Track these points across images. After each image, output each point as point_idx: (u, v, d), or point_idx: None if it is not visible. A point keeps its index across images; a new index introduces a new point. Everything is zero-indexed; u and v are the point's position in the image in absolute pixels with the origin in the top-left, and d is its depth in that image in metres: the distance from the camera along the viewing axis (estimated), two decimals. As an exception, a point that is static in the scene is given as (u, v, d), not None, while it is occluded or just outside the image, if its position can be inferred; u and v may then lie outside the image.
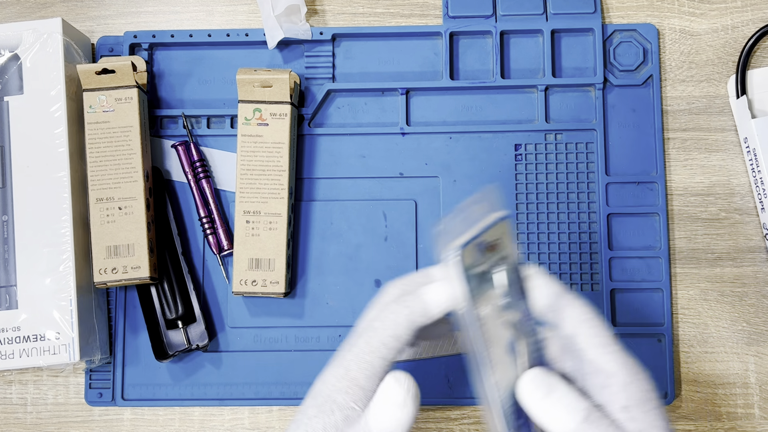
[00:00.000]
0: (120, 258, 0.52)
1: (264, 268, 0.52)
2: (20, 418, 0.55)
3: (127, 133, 0.53)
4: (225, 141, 0.57)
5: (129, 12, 0.59)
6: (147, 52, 0.57)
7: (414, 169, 0.56)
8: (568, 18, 0.57)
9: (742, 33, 0.57)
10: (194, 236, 0.56)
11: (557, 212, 0.55)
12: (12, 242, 0.52)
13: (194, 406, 0.55)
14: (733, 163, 0.56)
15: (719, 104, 0.57)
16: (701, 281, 0.55)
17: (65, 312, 0.51)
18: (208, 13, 0.59)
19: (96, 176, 0.52)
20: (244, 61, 0.57)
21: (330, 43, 0.57)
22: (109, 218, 0.52)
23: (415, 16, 0.58)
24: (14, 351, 0.51)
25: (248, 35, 0.57)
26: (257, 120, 0.53)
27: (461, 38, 0.57)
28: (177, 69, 0.58)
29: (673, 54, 0.57)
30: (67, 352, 0.51)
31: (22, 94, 0.53)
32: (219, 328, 0.55)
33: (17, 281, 0.51)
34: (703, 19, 0.58)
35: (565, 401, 0.33)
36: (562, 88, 0.56)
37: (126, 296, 0.55)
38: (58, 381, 0.56)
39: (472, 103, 0.57)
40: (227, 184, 0.56)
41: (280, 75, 0.53)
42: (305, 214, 0.56)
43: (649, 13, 0.58)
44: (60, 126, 0.52)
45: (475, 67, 0.57)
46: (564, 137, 0.56)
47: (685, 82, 0.57)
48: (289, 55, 0.58)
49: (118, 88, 0.53)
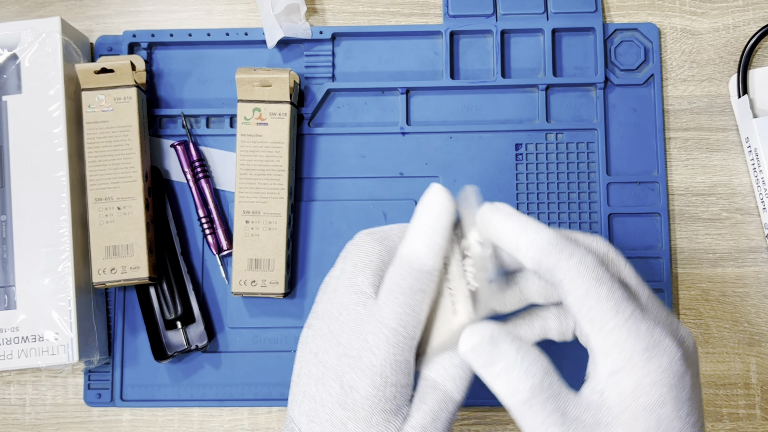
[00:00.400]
0: (119, 258, 0.52)
1: (263, 269, 0.52)
2: (19, 418, 0.55)
3: (126, 133, 0.53)
4: (224, 140, 0.56)
5: (128, 11, 0.59)
6: (146, 51, 0.57)
7: (414, 168, 0.56)
8: (568, 17, 0.56)
9: (744, 32, 0.57)
10: (193, 236, 0.56)
11: (558, 212, 0.55)
12: (10, 242, 0.51)
13: (193, 407, 0.55)
14: (734, 162, 0.56)
15: (721, 104, 0.57)
16: (702, 281, 0.55)
17: (64, 312, 0.51)
18: (208, 13, 0.59)
19: (95, 176, 0.52)
20: (243, 61, 0.57)
21: (330, 43, 0.57)
22: (108, 218, 0.52)
23: (415, 15, 0.58)
24: (13, 352, 0.50)
25: (247, 34, 0.57)
26: (257, 119, 0.53)
27: (462, 37, 0.57)
28: (176, 68, 0.57)
29: (675, 53, 0.57)
30: (66, 352, 0.50)
31: (20, 94, 0.52)
32: (218, 329, 0.55)
33: (16, 281, 0.51)
34: (704, 19, 0.58)
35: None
36: (562, 87, 0.56)
37: (125, 297, 0.55)
38: (57, 382, 0.55)
39: (472, 103, 0.56)
40: (226, 184, 0.56)
41: (279, 74, 0.53)
42: (305, 214, 0.56)
43: (650, 13, 0.58)
44: (58, 125, 0.52)
45: (476, 66, 0.57)
46: (565, 137, 0.56)
47: (687, 81, 0.57)
48: (288, 55, 0.57)
49: (117, 87, 0.53)
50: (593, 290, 0.31)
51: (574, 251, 0.32)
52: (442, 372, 0.34)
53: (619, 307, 0.31)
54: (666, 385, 0.30)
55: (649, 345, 0.30)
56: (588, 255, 0.32)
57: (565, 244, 0.32)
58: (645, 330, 0.31)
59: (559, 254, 0.31)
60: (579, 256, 0.31)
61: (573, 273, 0.31)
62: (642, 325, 0.31)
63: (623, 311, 0.31)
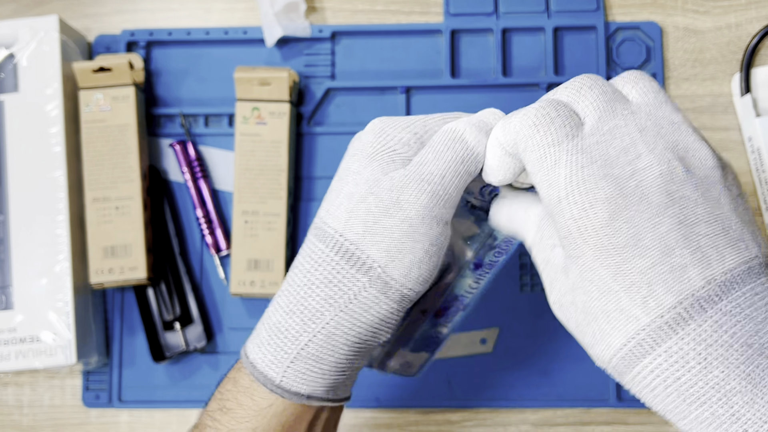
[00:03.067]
0: (116, 258, 0.51)
1: (263, 269, 0.52)
2: (16, 420, 0.55)
3: (123, 132, 0.52)
4: (223, 140, 0.56)
5: (126, 10, 0.59)
6: (144, 50, 0.57)
7: (414, 168, 0.55)
8: (570, 15, 0.56)
9: (747, 31, 0.57)
10: (192, 236, 0.55)
11: (559, 212, 0.55)
12: (7, 242, 0.51)
13: (192, 408, 0.54)
14: (737, 162, 0.56)
15: (723, 103, 0.56)
16: (705, 282, 0.55)
17: (61, 313, 0.50)
18: (206, 11, 0.58)
19: (92, 176, 0.52)
20: (242, 59, 0.57)
21: (329, 41, 0.57)
22: (106, 218, 0.51)
23: (415, 13, 0.58)
24: (10, 353, 0.50)
25: (246, 33, 0.56)
26: (256, 119, 0.53)
27: (463, 36, 0.57)
28: (174, 67, 0.57)
29: (677, 52, 0.57)
30: (64, 353, 0.50)
31: (17, 93, 0.52)
32: (217, 330, 0.55)
33: (13, 282, 0.51)
34: (707, 17, 0.57)
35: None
36: (564, 86, 0.56)
37: (123, 297, 0.55)
38: (55, 383, 0.55)
39: (473, 102, 0.56)
40: (225, 184, 0.56)
41: (278, 73, 0.53)
42: (305, 214, 0.55)
43: (652, 11, 0.57)
44: (56, 125, 0.52)
45: (477, 65, 0.57)
46: (566, 136, 0.55)
47: (689, 80, 0.57)
48: (288, 53, 0.57)
49: (115, 86, 0.53)
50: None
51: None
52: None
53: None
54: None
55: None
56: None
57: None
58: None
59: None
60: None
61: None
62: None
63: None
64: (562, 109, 0.28)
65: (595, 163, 0.27)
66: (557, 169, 0.27)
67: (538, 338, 0.54)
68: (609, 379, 0.52)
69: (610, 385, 0.53)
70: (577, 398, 0.53)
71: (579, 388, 0.53)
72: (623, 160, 0.27)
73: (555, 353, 0.54)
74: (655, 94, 0.29)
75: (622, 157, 0.27)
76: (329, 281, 0.31)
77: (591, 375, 0.53)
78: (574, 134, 0.27)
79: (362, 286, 0.31)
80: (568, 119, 0.28)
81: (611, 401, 0.53)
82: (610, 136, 0.27)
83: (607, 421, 0.53)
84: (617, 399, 0.53)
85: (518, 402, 0.53)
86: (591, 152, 0.27)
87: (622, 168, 0.27)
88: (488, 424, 0.54)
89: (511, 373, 0.54)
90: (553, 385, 0.53)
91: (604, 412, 0.53)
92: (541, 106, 0.28)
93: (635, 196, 0.26)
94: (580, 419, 0.53)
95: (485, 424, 0.54)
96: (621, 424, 0.53)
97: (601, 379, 0.53)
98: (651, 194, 0.26)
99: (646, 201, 0.26)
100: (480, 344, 0.54)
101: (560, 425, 0.53)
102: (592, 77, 0.29)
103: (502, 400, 0.53)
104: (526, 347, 0.54)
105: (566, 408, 0.53)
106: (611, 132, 0.27)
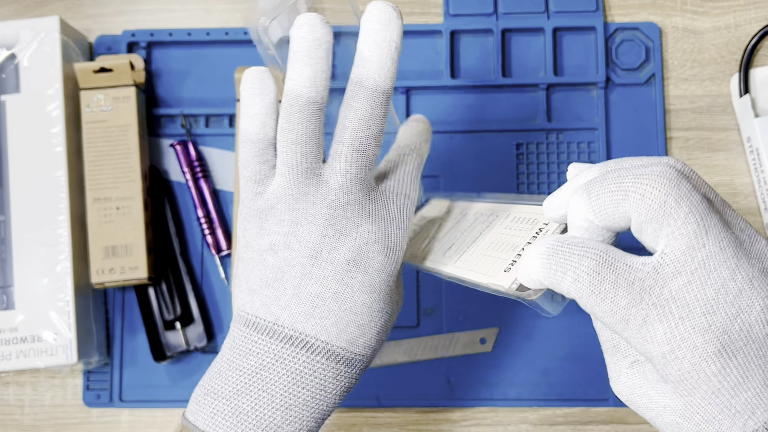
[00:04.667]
0: (117, 258, 0.51)
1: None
2: (17, 419, 0.55)
3: (124, 133, 0.52)
4: (224, 140, 0.56)
5: (127, 10, 0.59)
6: (145, 50, 0.57)
7: (414, 168, 0.56)
8: (570, 16, 0.56)
9: (745, 31, 0.57)
10: (193, 236, 0.55)
11: (559, 212, 0.55)
12: (9, 242, 0.51)
13: (193, 408, 0.54)
14: (736, 162, 0.56)
15: (722, 103, 0.56)
16: (704, 282, 0.55)
17: (62, 313, 0.50)
18: (207, 12, 0.59)
19: (93, 176, 0.52)
20: (242, 60, 0.57)
21: (330, 42, 0.57)
22: (107, 218, 0.52)
23: (415, 14, 0.58)
24: (11, 352, 0.50)
25: (247, 33, 0.57)
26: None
27: (462, 36, 0.57)
28: (175, 67, 0.57)
29: (676, 53, 0.57)
30: (65, 353, 0.50)
31: (18, 93, 0.52)
32: (218, 330, 0.55)
33: (14, 282, 0.51)
34: (705, 18, 0.57)
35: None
36: (563, 87, 0.56)
37: (124, 297, 0.55)
38: (56, 382, 0.55)
39: (473, 102, 0.56)
40: (226, 184, 0.56)
41: (278, 73, 0.53)
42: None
43: (651, 12, 0.57)
44: (57, 125, 0.52)
45: (477, 65, 0.57)
46: (565, 136, 0.56)
47: (688, 81, 0.57)
48: (288, 54, 0.57)
49: (116, 87, 0.53)
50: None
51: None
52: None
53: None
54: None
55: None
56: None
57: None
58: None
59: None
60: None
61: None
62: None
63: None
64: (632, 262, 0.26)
65: (693, 312, 0.25)
66: (648, 326, 0.26)
67: (537, 338, 0.54)
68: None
69: (609, 385, 0.53)
70: (577, 398, 0.53)
71: (579, 387, 0.53)
72: (724, 301, 0.25)
73: (555, 353, 0.54)
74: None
75: (722, 297, 0.25)
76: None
77: (591, 374, 0.53)
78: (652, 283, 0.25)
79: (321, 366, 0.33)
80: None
81: (611, 401, 0.53)
82: (705, 273, 0.25)
83: (607, 421, 0.53)
84: (617, 399, 0.53)
85: (518, 401, 0.53)
86: (684, 298, 0.25)
87: (725, 311, 0.25)
88: (488, 423, 0.54)
89: (510, 373, 0.54)
90: (552, 384, 0.53)
91: (604, 411, 0.53)
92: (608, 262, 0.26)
93: (741, 341, 0.25)
94: (579, 418, 0.53)
95: (485, 423, 0.54)
96: (621, 423, 0.53)
97: (601, 378, 0.53)
98: (756, 331, 0.25)
99: (751, 339, 0.25)
100: (479, 344, 0.54)
101: (560, 424, 0.53)
102: (664, 167, 0.26)
103: (502, 400, 0.53)
104: (526, 347, 0.54)
105: (566, 407, 0.53)
106: (704, 266, 0.25)
